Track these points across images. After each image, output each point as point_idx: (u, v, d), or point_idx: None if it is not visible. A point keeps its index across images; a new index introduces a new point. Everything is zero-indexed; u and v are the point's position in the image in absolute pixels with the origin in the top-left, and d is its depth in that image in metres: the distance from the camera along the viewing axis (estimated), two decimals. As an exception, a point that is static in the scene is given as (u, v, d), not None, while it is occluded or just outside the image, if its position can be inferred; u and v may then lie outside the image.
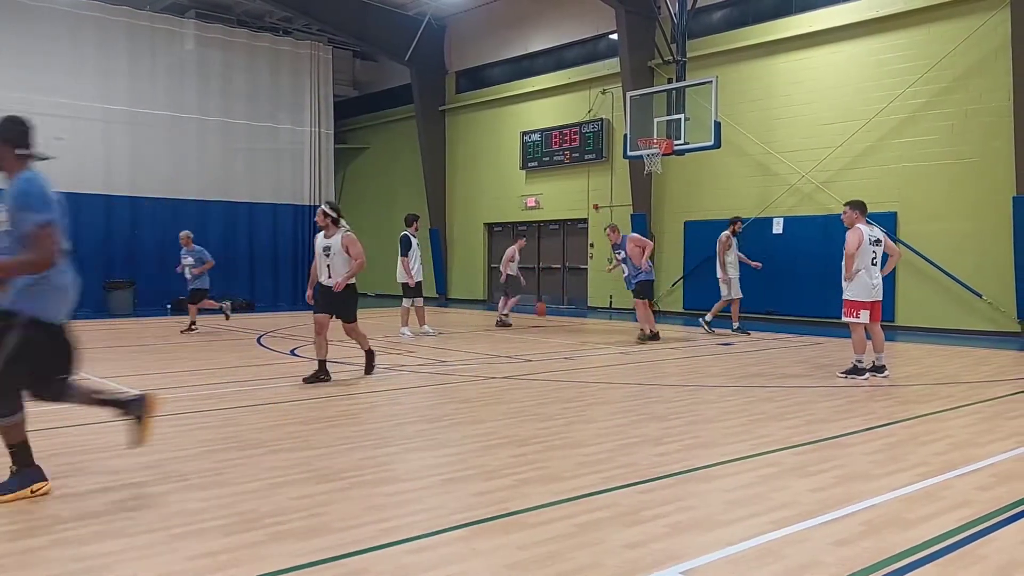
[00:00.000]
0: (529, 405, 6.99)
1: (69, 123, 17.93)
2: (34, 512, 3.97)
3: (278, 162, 21.53)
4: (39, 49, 17.71)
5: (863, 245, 8.40)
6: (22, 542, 3.53)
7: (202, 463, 4.94)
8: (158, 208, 19.29)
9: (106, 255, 18.66)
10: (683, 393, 7.69)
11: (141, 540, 3.58)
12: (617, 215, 19.12)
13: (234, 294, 20.07)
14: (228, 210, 20.64)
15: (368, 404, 7.20)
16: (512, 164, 21.63)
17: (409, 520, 3.89)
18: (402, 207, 25.18)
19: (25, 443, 4.20)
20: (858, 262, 8.41)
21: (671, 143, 15.43)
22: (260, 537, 3.61)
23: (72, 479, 4.58)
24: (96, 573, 3.20)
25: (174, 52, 19.74)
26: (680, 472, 4.77)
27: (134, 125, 19.06)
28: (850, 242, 8.43)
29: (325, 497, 4.23)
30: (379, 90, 25.99)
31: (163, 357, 10.45)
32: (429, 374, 8.80)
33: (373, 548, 3.50)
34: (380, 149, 26.24)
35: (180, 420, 6.29)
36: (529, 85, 21.33)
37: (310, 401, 7.16)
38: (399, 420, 6.40)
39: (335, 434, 5.77)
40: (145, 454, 5.15)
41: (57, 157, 5.56)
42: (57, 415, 6.44)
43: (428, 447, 5.44)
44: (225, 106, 20.55)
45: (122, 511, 3.99)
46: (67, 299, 4.31)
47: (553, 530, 3.73)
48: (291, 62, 21.83)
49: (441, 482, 4.57)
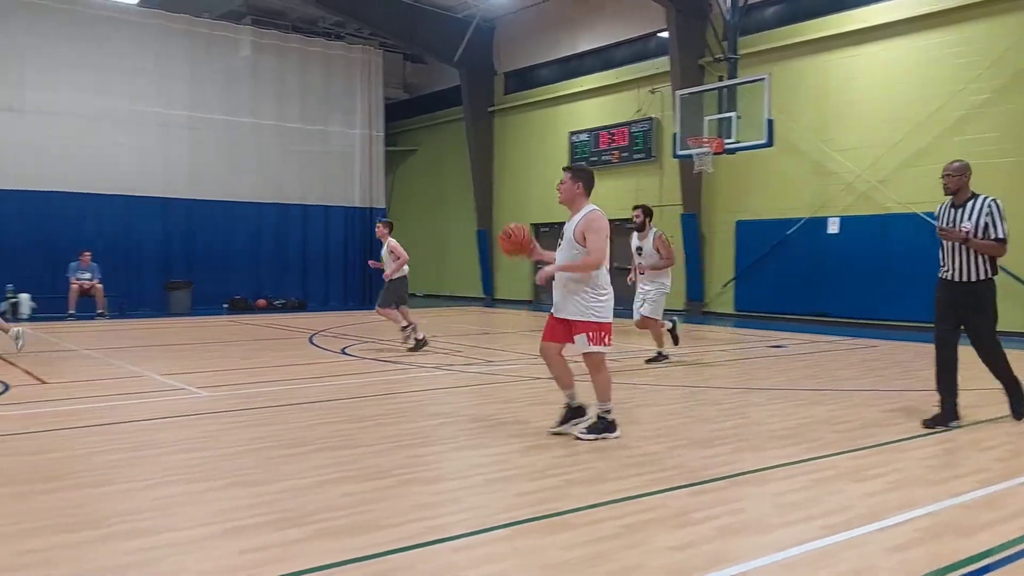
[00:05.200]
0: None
1: (130, 128, 18.46)
2: (83, 506, 4.08)
3: (330, 165, 21.82)
4: (103, 55, 18.24)
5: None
6: (75, 534, 3.63)
7: (250, 460, 5.01)
8: (214, 210, 19.71)
9: (165, 256, 19.14)
10: (733, 395, 7.57)
11: (191, 535, 3.65)
12: (666, 215, 18.94)
13: (287, 294, 20.45)
14: (281, 212, 20.99)
15: (414, 403, 7.24)
16: (560, 164, 21.37)
17: (454, 518, 3.89)
18: (451, 208, 25.44)
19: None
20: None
21: (722, 142, 15.22)
22: (308, 533, 3.65)
23: (125, 472, 4.70)
24: (147, 567, 3.28)
25: (230, 58, 20.16)
26: (730, 475, 4.69)
27: (192, 129, 19.51)
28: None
29: (371, 495, 4.26)
30: (428, 92, 26.18)
31: (217, 355, 10.66)
32: (475, 374, 8.82)
33: (418, 545, 3.52)
34: (429, 151, 26.43)
35: (230, 417, 6.40)
36: (577, 85, 21.25)
37: (357, 400, 7.22)
38: (444, 419, 6.42)
39: (381, 433, 5.82)
40: (195, 450, 5.27)
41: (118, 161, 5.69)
42: (112, 411, 6.62)
43: (473, 446, 5.44)
44: (279, 110, 20.91)
45: (173, 506, 4.08)
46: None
47: (599, 531, 3.69)
48: (343, 66, 22.12)
49: (485, 481, 4.56)
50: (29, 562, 3.28)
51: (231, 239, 19.92)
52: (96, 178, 18.02)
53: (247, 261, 20.27)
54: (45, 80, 17.50)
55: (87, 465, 4.91)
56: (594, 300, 5.55)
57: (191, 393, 7.51)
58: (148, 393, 7.57)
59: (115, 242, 18.20)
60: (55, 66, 17.63)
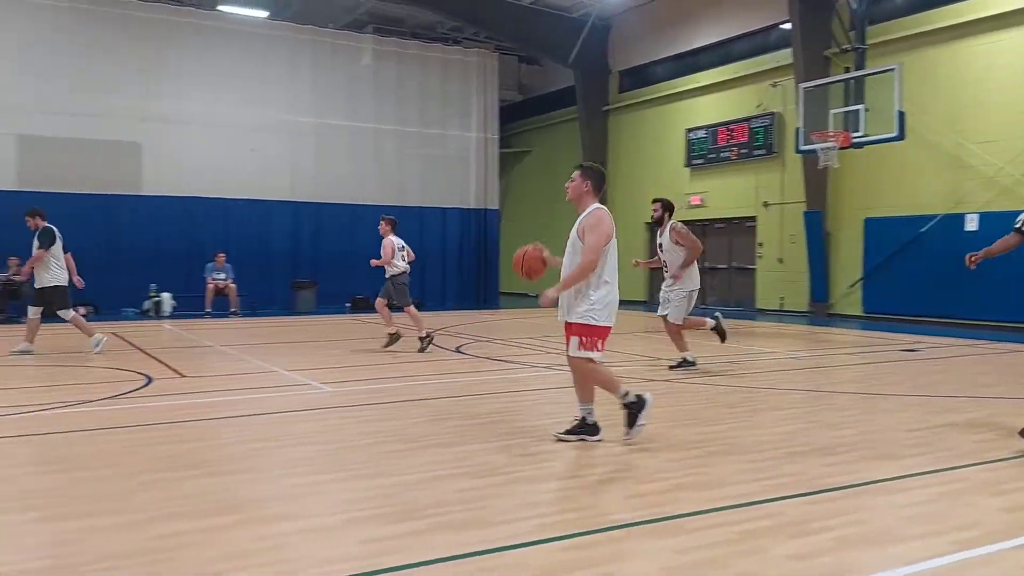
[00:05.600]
0: (690, 409, 6.84)
1: (261, 135, 19.49)
2: (218, 493, 4.35)
3: (447, 167, 22.28)
4: (234, 67, 19.32)
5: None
6: (211, 520, 3.88)
7: (369, 453, 5.21)
8: (339, 213, 20.50)
9: (293, 257, 20.09)
10: (858, 401, 7.25)
11: (315, 523, 3.83)
12: (788, 213, 18.32)
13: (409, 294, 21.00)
14: (401, 214, 21.42)
15: (527, 402, 7.32)
16: (676, 162, 21.24)
17: (565, 517, 3.92)
18: (564, 209, 25.34)
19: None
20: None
21: (848, 136, 14.60)
22: (422, 526, 3.76)
23: (257, 461, 4.98)
24: (277, 552, 3.47)
25: (353, 66, 20.93)
26: (852, 484, 4.50)
27: (318, 136, 20.39)
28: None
29: (483, 491, 4.34)
30: (543, 93, 26.31)
31: (339, 352, 11.09)
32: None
33: (530, 543, 3.56)
34: (542, 152, 26.56)
35: (351, 412, 6.65)
36: (694, 81, 20.85)
37: (471, 398, 7.36)
38: (557, 419, 6.44)
39: (493, 430, 5.91)
40: (319, 443, 5.51)
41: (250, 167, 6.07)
42: (244, 404, 7.01)
43: (585, 447, 5.45)
44: (399, 115, 21.54)
45: (299, 495, 4.29)
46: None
47: (713, 536, 3.63)
48: (460, 70, 22.55)
49: (597, 482, 4.57)
50: (169, 545, 3.53)
51: (354, 241, 20.63)
52: (230, 184, 19.11)
53: (369, 262, 20.93)
54: (184, 92, 18.69)
55: (223, 455, 5.23)
56: (590, 301, 5.34)
57: (315, 388, 7.85)
58: (276, 388, 7.98)
59: (247, 244, 19.23)
60: (193, 79, 18.80)
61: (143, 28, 18.33)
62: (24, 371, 9.26)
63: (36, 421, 6.25)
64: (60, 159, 17.43)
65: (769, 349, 11.57)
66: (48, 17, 17.38)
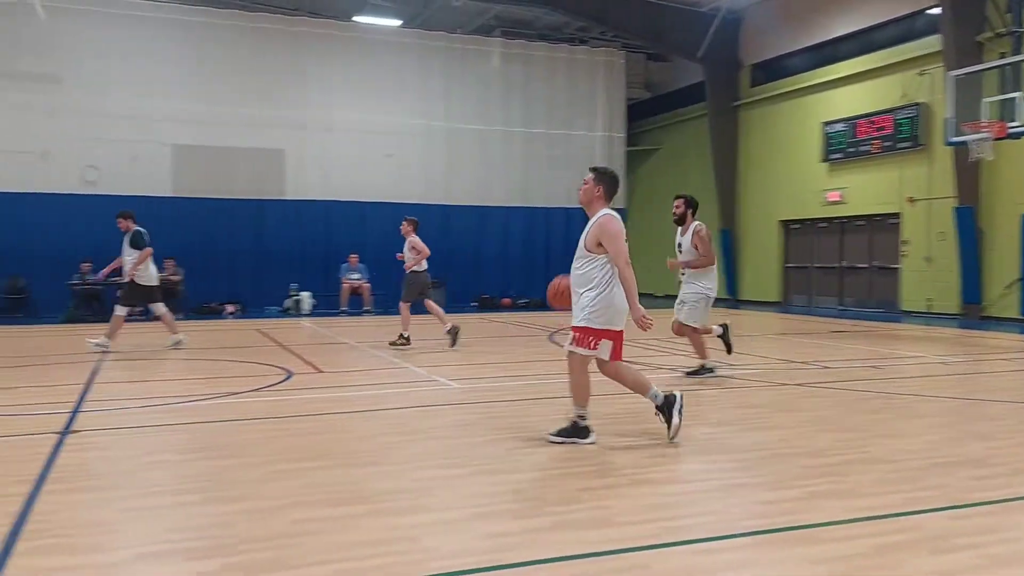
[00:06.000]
0: (826, 414, 6.56)
1: (395, 140, 20.18)
2: (350, 484, 4.54)
3: (572, 167, 22.27)
4: (370, 75, 20.12)
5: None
6: (344, 509, 4.05)
7: (495, 450, 5.29)
8: (467, 215, 20.95)
9: (423, 258, 20.66)
10: (1016, 410, 6.73)
11: (444, 516, 3.94)
12: (937, 208, 17.21)
13: (531, 293, 21.21)
14: (528, 215, 21.86)
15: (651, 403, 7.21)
16: (812, 157, 20.37)
17: (692, 521, 3.86)
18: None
19: None
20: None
21: (1004, 126, 13.59)
22: (546, 524, 3.80)
23: (389, 454, 5.17)
24: (407, 543, 3.59)
25: (482, 69, 21.34)
26: (1004, 499, 4.19)
27: (448, 139, 20.92)
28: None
29: (607, 491, 4.33)
30: (670, 90, 25.86)
31: (467, 350, 11.31)
32: (717, 378, 8.60)
33: (655, 546, 3.53)
34: (670, 149, 26.10)
35: (477, 408, 6.78)
36: (832, 72, 19.93)
37: (593, 398, 7.32)
38: (685, 422, 6.33)
39: (618, 430, 5.88)
40: (447, 438, 5.65)
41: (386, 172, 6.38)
42: (378, 399, 7.28)
43: (713, 450, 5.33)
44: (526, 116, 21.78)
45: (428, 488, 4.42)
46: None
47: (847, 548, 3.48)
48: (586, 69, 22.54)
49: (726, 487, 4.46)
50: (303, 531, 3.72)
51: (482, 241, 21.06)
52: (366, 188, 19.91)
53: (495, 262, 21.32)
54: (324, 100, 19.65)
55: (355, 447, 5.46)
56: (604, 304, 5.32)
57: (444, 385, 8.06)
58: (407, 383, 8.24)
59: (380, 245, 19.92)
60: (332, 87, 19.72)
61: (285, 41, 19.38)
62: (174, 365, 9.99)
63: (190, 411, 6.73)
64: (210, 167, 18.70)
65: (915, 353, 10.92)
66: (200, 34, 18.66)
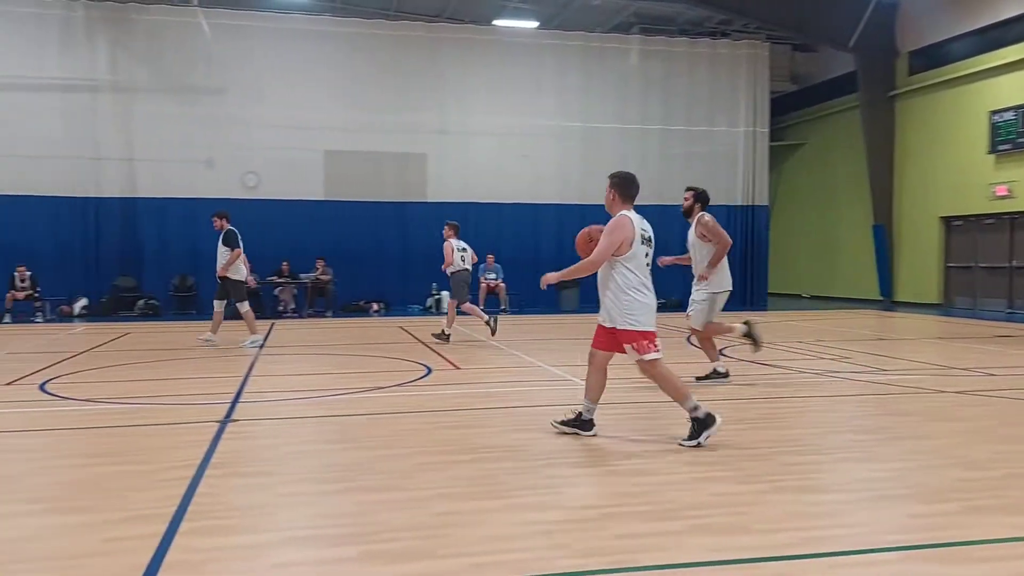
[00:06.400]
0: (987, 424, 6.10)
1: (531, 141, 20.40)
2: (487, 478, 4.64)
3: (712, 165, 21.78)
4: (508, 77, 20.43)
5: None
6: (480, 503, 4.16)
7: (626, 451, 5.26)
8: (603, 215, 20.78)
9: (558, 258, 20.72)
10: None
11: (574, 514, 3.98)
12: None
13: (667, 293, 20.82)
14: (663, 213, 21.46)
15: (795, 409, 6.96)
16: (977, 148, 18.91)
17: (835, 533, 3.70)
18: (842, 203, 23.73)
19: None
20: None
21: None
22: (679, 527, 3.75)
23: (524, 450, 5.25)
24: (538, 538, 3.64)
25: (620, 67, 21.19)
26: None
27: (584, 139, 20.92)
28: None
29: (744, 497, 4.22)
30: (818, 82, 24.72)
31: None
32: (865, 383, 8.18)
33: (795, 556, 3.42)
34: (818, 144, 24.95)
35: (609, 410, 6.74)
36: (1000, 57, 18.42)
37: (733, 402, 7.15)
38: (829, 428, 6.08)
39: (759, 436, 5.70)
40: (574, 438, 5.66)
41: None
42: (513, 395, 7.40)
43: (859, 459, 5.08)
44: (664, 114, 21.45)
45: (560, 485, 4.46)
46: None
47: (1007, 569, 3.24)
48: (728, 64, 21.94)
49: (872, 498, 4.24)
50: (441, 522, 3.85)
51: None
52: (503, 189, 20.25)
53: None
54: (464, 104, 20.14)
55: (492, 442, 5.58)
56: (627, 306, 5.45)
57: (576, 384, 8.07)
58: (540, 382, 8.33)
59: (516, 245, 20.25)
60: (471, 91, 20.18)
61: (426, 47, 20.01)
62: (324, 359, 10.52)
63: (338, 404, 7.10)
64: (358, 171, 19.58)
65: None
66: (348, 44, 19.56)
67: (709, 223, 7.96)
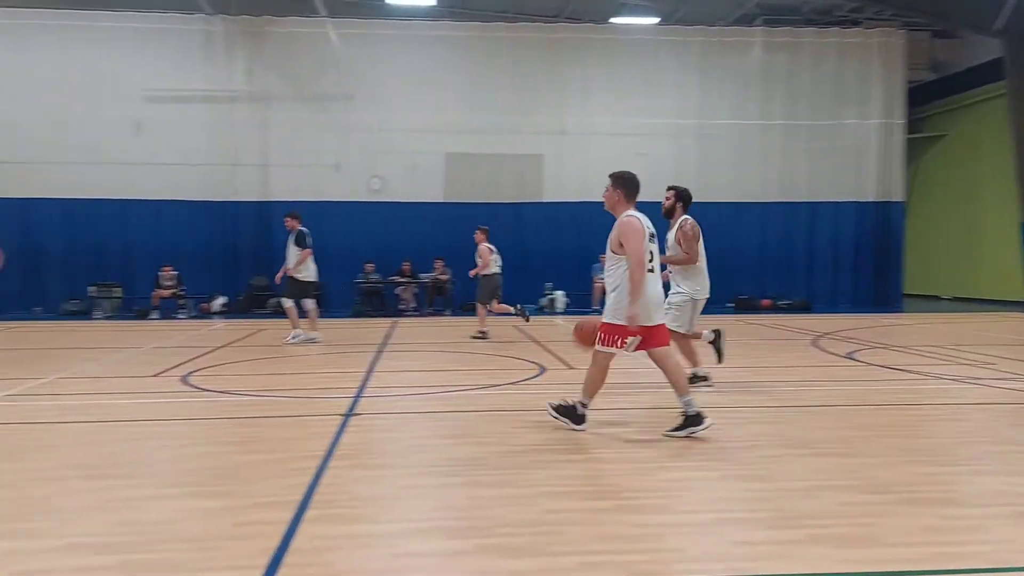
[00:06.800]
0: None
1: (648, 139, 20.12)
2: (599, 477, 4.63)
3: (840, 159, 20.84)
4: (625, 75, 20.24)
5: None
6: (593, 503, 4.15)
7: (747, 455, 5.12)
8: (720, 212, 20.32)
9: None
10: None
11: (689, 518, 3.91)
12: None
13: (791, 294, 20.15)
14: (787, 211, 20.76)
15: (930, 417, 6.58)
16: None
17: (972, 549, 3.49)
18: (988, 198, 22.16)
19: None
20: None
21: None
22: (800, 536, 3.62)
23: (637, 452, 5.20)
24: (651, 541, 3.61)
25: (741, 62, 20.59)
26: None
27: (700, 136, 20.46)
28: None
29: (871, 508, 4.03)
30: (960, 70, 23.20)
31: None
32: (1008, 390, 7.62)
33: (929, 572, 3.26)
34: (960, 135, 23.40)
35: (730, 412, 6.58)
36: None
37: (862, 407, 6.82)
38: (967, 438, 5.71)
39: (889, 444, 5.42)
40: (693, 441, 5.55)
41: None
42: (625, 397, 7.33)
43: (999, 472, 4.75)
44: (788, 108, 20.69)
45: (675, 489, 4.40)
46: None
47: None
48: (859, 53, 20.93)
49: (1014, 513, 3.96)
50: (555, 520, 3.87)
51: (737, 239, 20.32)
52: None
53: (753, 261, 20.49)
54: (581, 104, 20.10)
55: (604, 442, 5.55)
56: (622, 302, 5.56)
57: (697, 388, 7.90)
58: (658, 383, 8.19)
59: (633, 245, 20.04)
60: (589, 91, 20.12)
61: (545, 48, 20.10)
62: (442, 357, 10.76)
63: (455, 399, 7.27)
64: (477, 173, 19.91)
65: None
66: (468, 48, 19.92)
67: (689, 232, 7.69)
